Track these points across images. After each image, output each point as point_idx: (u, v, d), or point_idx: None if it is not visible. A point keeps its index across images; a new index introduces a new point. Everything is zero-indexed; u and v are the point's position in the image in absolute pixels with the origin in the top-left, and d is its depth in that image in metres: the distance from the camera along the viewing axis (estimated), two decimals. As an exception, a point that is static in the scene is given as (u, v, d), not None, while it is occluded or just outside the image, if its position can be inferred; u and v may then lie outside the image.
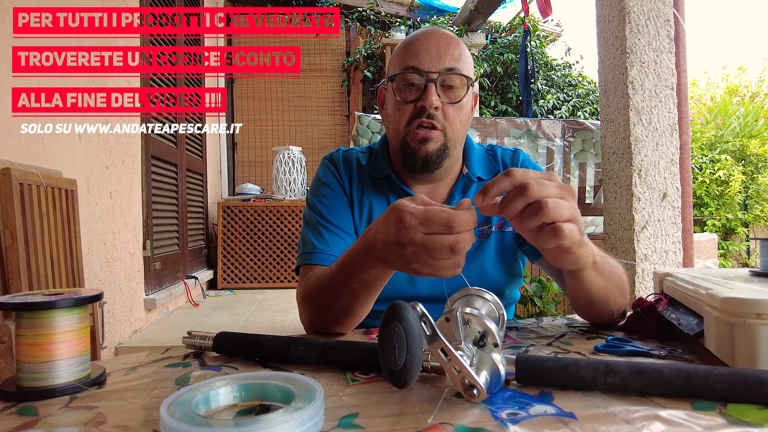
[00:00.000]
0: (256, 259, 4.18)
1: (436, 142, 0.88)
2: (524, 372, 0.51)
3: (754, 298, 0.51)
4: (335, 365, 0.60)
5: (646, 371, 0.48)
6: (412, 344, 0.43)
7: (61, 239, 1.69)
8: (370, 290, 0.70)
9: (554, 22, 5.72)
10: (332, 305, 0.74)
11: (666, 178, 1.93)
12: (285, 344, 0.61)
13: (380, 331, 0.45)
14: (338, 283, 0.72)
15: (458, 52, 0.88)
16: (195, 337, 0.65)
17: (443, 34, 0.90)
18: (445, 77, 0.87)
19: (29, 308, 0.51)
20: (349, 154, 1.01)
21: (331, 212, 0.93)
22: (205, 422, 0.39)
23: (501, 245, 0.95)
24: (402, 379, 0.44)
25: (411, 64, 0.87)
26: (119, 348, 2.43)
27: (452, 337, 0.49)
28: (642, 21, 1.92)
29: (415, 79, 0.87)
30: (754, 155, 6.45)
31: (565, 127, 3.78)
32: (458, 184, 0.96)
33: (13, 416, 0.47)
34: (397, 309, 0.44)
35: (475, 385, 0.45)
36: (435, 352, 0.46)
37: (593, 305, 0.74)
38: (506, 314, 0.65)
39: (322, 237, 0.90)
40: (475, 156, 0.99)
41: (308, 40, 5.35)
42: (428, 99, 0.85)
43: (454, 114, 0.88)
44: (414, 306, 0.46)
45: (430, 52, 0.87)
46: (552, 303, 2.37)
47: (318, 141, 5.44)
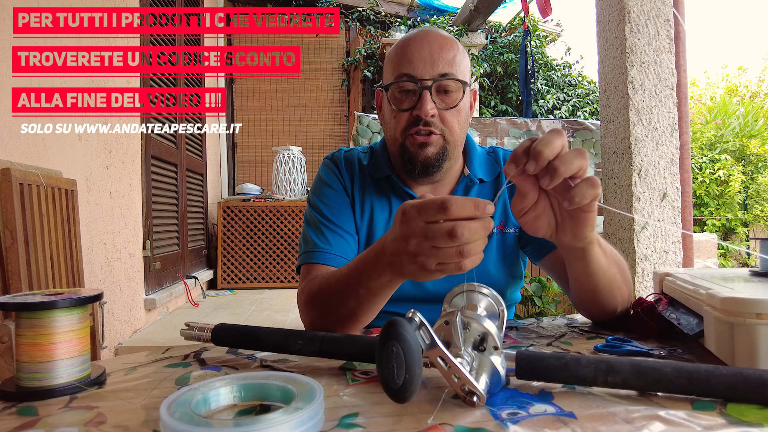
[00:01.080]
0: (256, 259, 4.18)
1: (435, 146, 0.87)
2: (524, 369, 0.51)
3: (754, 298, 0.51)
4: (335, 357, 0.59)
5: (647, 370, 0.48)
6: (411, 364, 0.42)
7: (61, 239, 1.69)
8: (376, 298, 0.70)
9: (554, 22, 5.72)
10: (337, 309, 0.74)
11: (666, 178, 1.93)
12: (284, 337, 0.61)
13: (378, 348, 0.44)
14: (345, 287, 0.72)
15: (452, 55, 0.86)
16: (193, 329, 0.65)
17: (436, 36, 0.88)
18: (440, 83, 0.85)
19: (29, 308, 0.51)
20: (351, 154, 1.00)
21: (333, 212, 0.92)
22: (205, 422, 0.39)
23: (502, 246, 0.95)
24: (401, 396, 0.43)
25: (404, 71, 0.86)
26: (119, 348, 2.43)
27: (452, 341, 0.49)
28: (642, 21, 1.92)
29: (410, 87, 0.86)
30: (754, 155, 6.45)
31: (565, 127, 3.78)
32: (459, 185, 0.95)
33: (13, 416, 0.47)
34: (393, 328, 0.43)
35: (475, 392, 0.45)
36: (434, 360, 0.46)
37: (598, 293, 0.73)
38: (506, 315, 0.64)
39: (324, 236, 0.89)
40: (476, 157, 0.98)
41: (308, 40, 5.35)
42: (423, 108, 0.84)
43: (451, 118, 0.87)
44: (412, 317, 0.45)
45: (423, 58, 0.85)
46: (552, 303, 2.37)
47: (318, 141, 5.44)
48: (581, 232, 0.62)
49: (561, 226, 0.62)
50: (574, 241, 0.63)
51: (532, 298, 2.35)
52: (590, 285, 0.72)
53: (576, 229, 0.61)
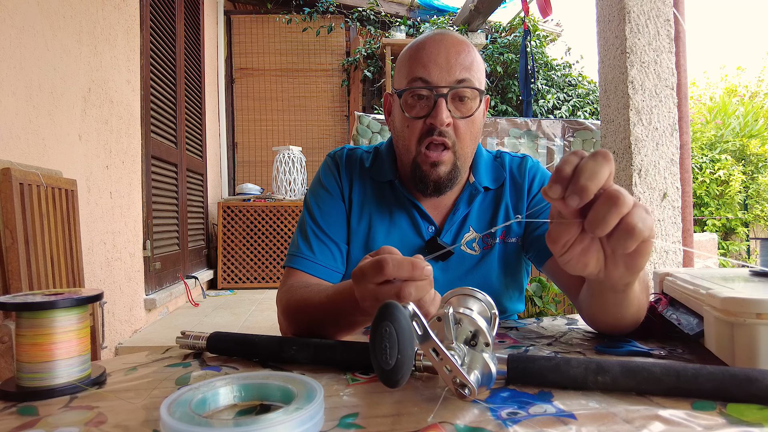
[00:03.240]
0: (256, 259, 4.18)
1: (446, 164, 0.84)
2: (516, 371, 0.51)
3: (754, 297, 0.51)
4: (329, 365, 0.60)
5: (636, 370, 0.49)
6: (403, 344, 0.43)
7: (61, 239, 1.69)
8: (354, 328, 0.70)
9: (554, 22, 5.71)
10: (317, 329, 0.73)
11: (666, 178, 1.93)
12: (278, 344, 0.61)
13: (372, 330, 0.45)
14: (323, 315, 0.71)
15: (469, 61, 0.82)
16: (189, 337, 0.65)
17: (453, 40, 0.83)
18: (456, 90, 0.82)
19: (29, 308, 0.51)
20: (354, 154, 0.98)
21: (325, 218, 0.91)
22: (205, 422, 0.39)
23: (504, 257, 0.93)
24: (393, 378, 0.44)
25: (419, 75, 0.82)
26: (119, 348, 2.43)
27: (444, 336, 0.49)
28: (642, 21, 1.92)
29: (424, 93, 0.82)
30: (754, 155, 6.44)
31: (565, 127, 3.78)
32: (464, 193, 0.93)
33: (13, 416, 0.47)
34: (388, 309, 0.44)
35: (467, 384, 0.45)
36: (427, 352, 0.47)
37: (622, 321, 0.66)
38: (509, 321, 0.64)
39: (310, 244, 0.89)
40: (483, 164, 0.95)
41: (308, 40, 5.36)
42: (439, 117, 0.80)
43: (465, 128, 0.83)
44: (405, 306, 0.46)
45: (439, 64, 0.81)
46: (552, 303, 2.37)
47: (318, 141, 5.44)
48: (637, 264, 0.51)
49: (612, 260, 0.51)
50: (626, 275, 0.52)
51: (532, 298, 2.34)
52: (620, 314, 0.64)
53: (631, 261, 0.51)
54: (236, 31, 5.35)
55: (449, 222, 0.92)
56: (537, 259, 0.91)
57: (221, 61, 4.99)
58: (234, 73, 5.35)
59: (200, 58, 4.15)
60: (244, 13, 5.41)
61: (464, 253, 0.92)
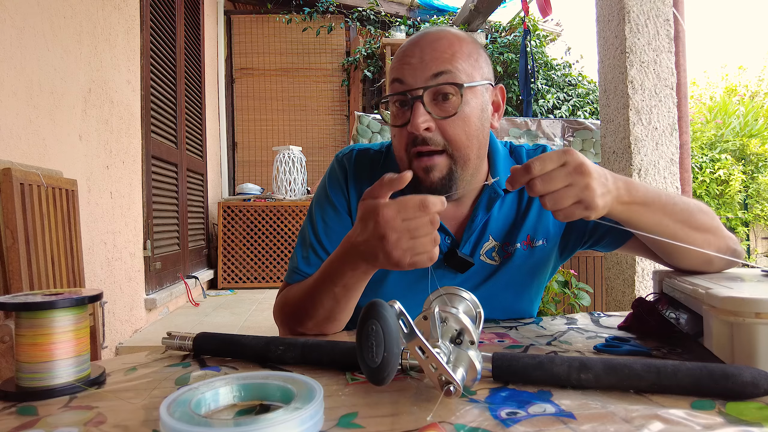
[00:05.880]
0: (257, 259, 4.18)
1: (440, 169, 0.76)
2: (500, 369, 0.52)
3: (754, 297, 0.52)
4: (317, 365, 0.60)
5: (617, 367, 0.49)
6: (390, 342, 0.44)
7: (61, 239, 1.69)
8: (352, 293, 0.71)
9: (554, 22, 5.71)
10: (315, 311, 0.73)
11: (666, 178, 1.93)
12: (264, 344, 0.61)
13: (358, 328, 0.46)
14: (321, 288, 0.72)
15: (450, 52, 0.75)
16: (175, 338, 0.65)
17: (433, 36, 0.77)
18: (436, 89, 0.74)
19: (29, 308, 0.51)
20: (364, 156, 0.91)
21: (329, 233, 0.87)
22: (205, 422, 0.39)
23: (528, 262, 0.87)
24: (379, 376, 0.45)
25: (394, 76, 0.77)
26: (120, 348, 2.43)
27: (430, 334, 0.50)
28: (642, 21, 1.92)
29: (402, 97, 0.76)
30: (754, 154, 6.44)
31: (565, 127, 3.78)
32: (482, 198, 0.84)
33: (13, 416, 0.47)
34: (374, 307, 0.45)
35: (452, 381, 0.46)
36: (413, 350, 0.47)
37: (694, 259, 0.73)
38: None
39: (309, 261, 0.85)
40: (501, 163, 0.86)
41: (308, 39, 5.35)
42: (413, 122, 0.73)
43: (455, 128, 0.75)
44: (392, 304, 0.47)
45: (413, 64, 0.75)
46: (552, 303, 2.37)
47: (318, 141, 5.44)
48: (559, 216, 0.63)
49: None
50: (584, 212, 0.63)
51: (532, 298, 2.34)
52: (684, 254, 0.72)
53: (556, 216, 0.63)
54: (236, 31, 5.35)
55: (467, 231, 0.84)
56: (609, 245, 0.87)
57: (221, 61, 4.99)
58: (234, 72, 5.35)
59: (200, 58, 4.15)
60: (244, 13, 5.41)
61: (484, 263, 0.86)
